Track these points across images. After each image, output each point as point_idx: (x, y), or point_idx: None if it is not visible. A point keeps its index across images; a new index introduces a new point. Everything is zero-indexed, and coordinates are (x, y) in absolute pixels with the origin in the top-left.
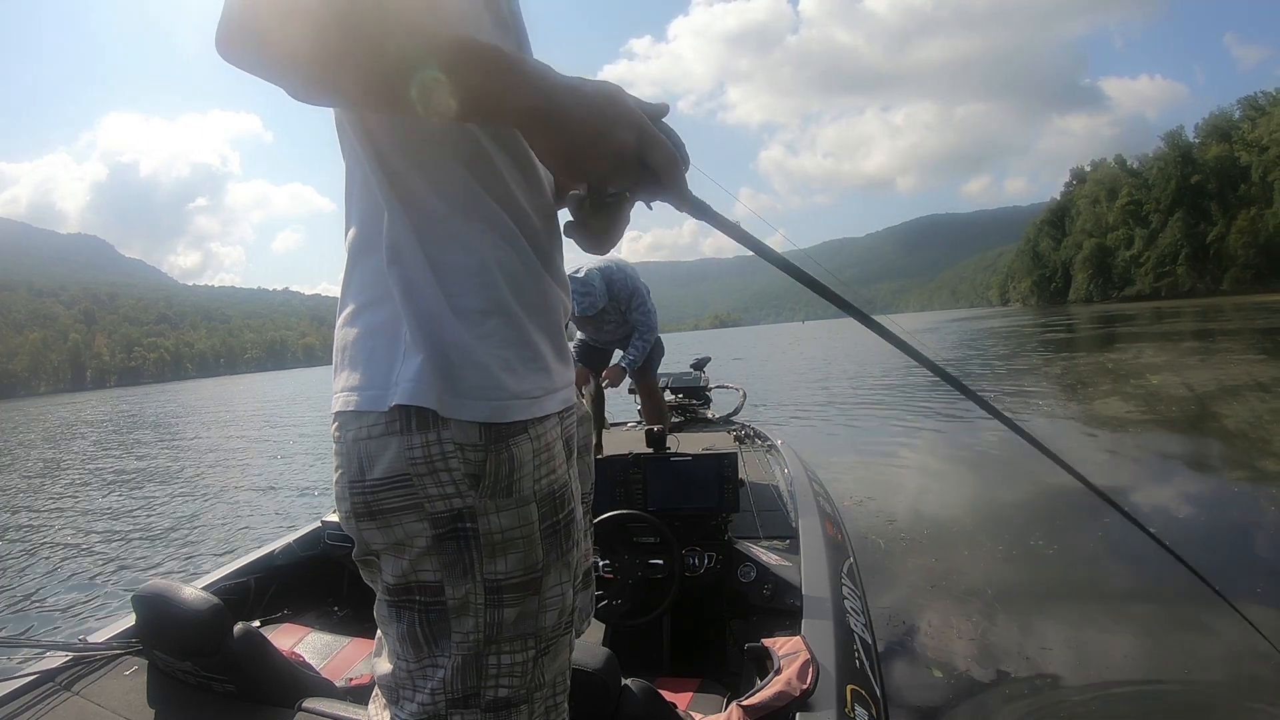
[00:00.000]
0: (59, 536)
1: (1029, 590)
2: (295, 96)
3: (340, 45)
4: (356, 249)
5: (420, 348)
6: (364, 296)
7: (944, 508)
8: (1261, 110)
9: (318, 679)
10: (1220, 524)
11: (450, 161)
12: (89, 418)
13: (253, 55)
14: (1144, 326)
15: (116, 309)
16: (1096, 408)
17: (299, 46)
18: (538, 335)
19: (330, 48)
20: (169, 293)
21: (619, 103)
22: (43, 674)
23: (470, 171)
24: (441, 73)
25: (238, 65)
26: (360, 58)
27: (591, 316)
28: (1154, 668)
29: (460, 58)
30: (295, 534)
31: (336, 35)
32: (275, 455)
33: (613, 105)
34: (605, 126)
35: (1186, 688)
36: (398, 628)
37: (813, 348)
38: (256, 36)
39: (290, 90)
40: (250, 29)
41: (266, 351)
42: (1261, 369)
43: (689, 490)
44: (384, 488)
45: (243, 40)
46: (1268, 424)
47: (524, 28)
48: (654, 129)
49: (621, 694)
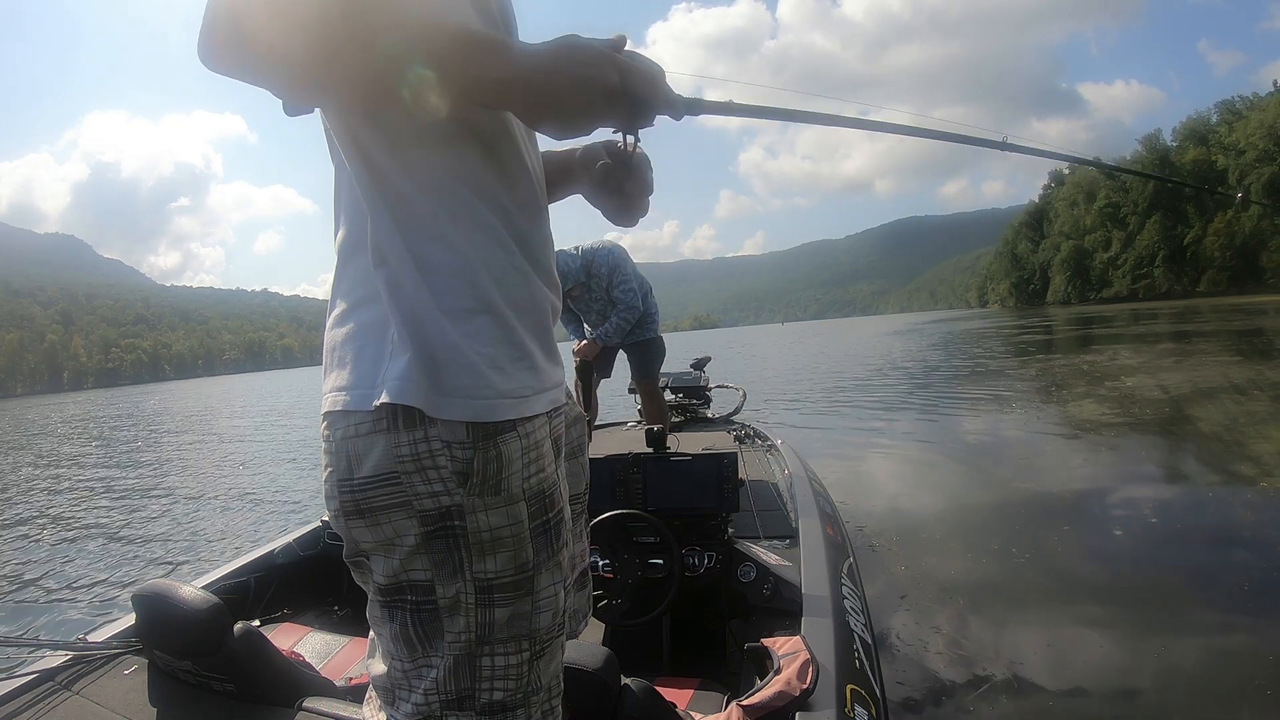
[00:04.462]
0: (59, 535)
1: (1031, 590)
2: (284, 98)
3: (330, 46)
4: (346, 250)
5: (407, 347)
6: (353, 297)
7: (945, 507)
8: (1238, 114)
9: (317, 678)
10: (1192, 526)
11: (435, 162)
12: (83, 417)
13: (241, 60)
14: (1121, 328)
15: (94, 310)
16: (1070, 410)
17: (288, 49)
18: (526, 334)
19: (320, 48)
20: (147, 293)
21: (587, 48)
22: (42, 673)
23: (456, 172)
24: (429, 66)
25: (224, 72)
26: (350, 57)
27: (566, 290)
28: (1155, 667)
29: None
30: (295, 533)
31: (326, 36)
32: (275, 455)
33: (582, 53)
34: (584, 75)
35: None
36: (390, 628)
37: (804, 348)
38: (245, 42)
39: (279, 93)
40: (238, 35)
41: (245, 353)
42: (1237, 371)
43: (689, 490)
44: (372, 486)
45: (232, 46)
46: (1242, 426)
47: (515, 26)
48: (627, 60)
49: (621, 694)
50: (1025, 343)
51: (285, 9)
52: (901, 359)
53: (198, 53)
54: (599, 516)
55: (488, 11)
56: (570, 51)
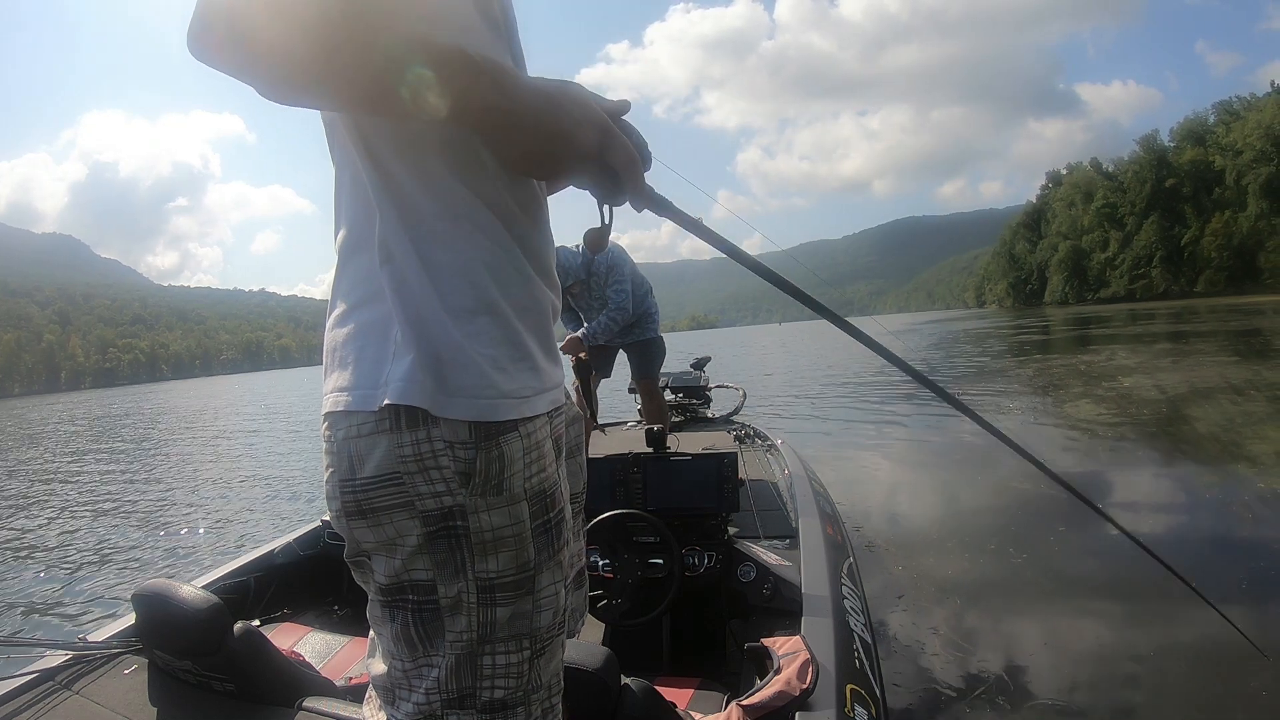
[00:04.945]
0: (59, 535)
1: (1031, 590)
2: (273, 96)
3: (330, 43)
4: (347, 249)
5: (411, 346)
6: (354, 296)
7: (944, 507)
8: (1236, 115)
9: (317, 678)
10: (1188, 525)
11: (438, 161)
12: (81, 417)
13: (236, 55)
14: (1118, 328)
15: (91, 310)
16: (1067, 410)
17: (287, 45)
18: (527, 335)
19: (319, 46)
20: (144, 293)
21: (580, 102)
22: (42, 673)
23: (458, 171)
24: (429, 69)
25: (217, 65)
26: (347, 58)
27: (565, 287)
28: (1156, 668)
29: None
30: (295, 533)
31: (325, 33)
32: (275, 454)
33: (574, 104)
34: (567, 126)
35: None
36: (391, 628)
37: (799, 348)
38: (238, 34)
39: (267, 89)
40: (235, 28)
41: (243, 353)
42: (1234, 371)
43: (689, 490)
44: (374, 486)
45: (229, 41)
46: (1238, 427)
47: (515, 27)
48: (615, 128)
49: (621, 693)
50: (1023, 343)
51: (285, 5)
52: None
53: (189, 45)
54: (599, 516)
55: (489, 11)
56: (561, 99)
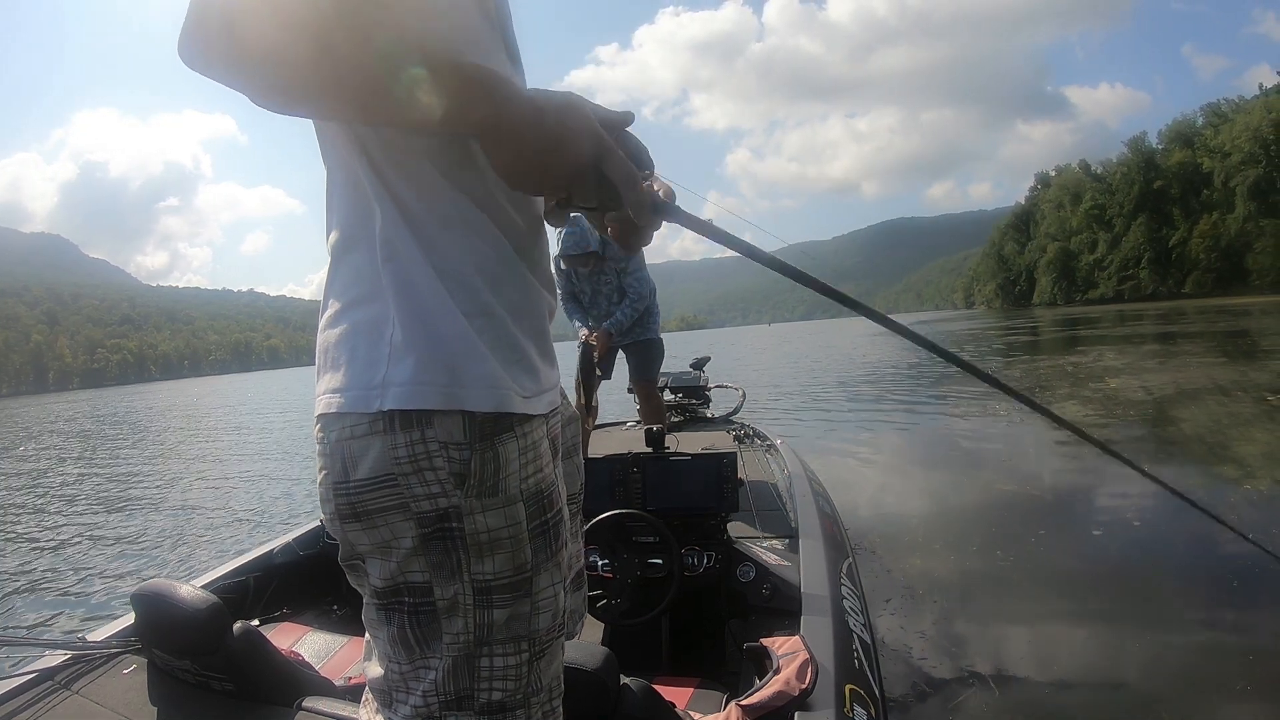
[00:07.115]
0: (58, 535)
1: (1032, 589)
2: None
3: (324, 44)
4: (340, 249)
5: (412, 347)
6: (348, 295)
7: (944, 507)
8: (1224, 117)
9: (316, 678)
10: (1175, 525)
11: (430, 164)
12: (77, 416)
13: (229, 61)
14: (1106, 329)
15: (80, 310)
16: (1054, 411)
17: (283, 50)
18: (523, 337)
19: (313, 48)
20: (132, 293)
21: (577, 114)
22: (42, 672)
23: (452, 174)
24: (423, 71)
25: (210, 73)
26: (343, 57)
27: (578, 255)
28: (1157, 667)
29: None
30: (294, 532)
31: (320, 35)
32: (274, 454)
33: (571, 117)
34: (562, 139)
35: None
36: (388, 630)
37: (793, 349)
38: (237, 42)
39: (262, 96)
40: (229, 34)
41: (231, 353)
42: (1221, 372)
43: (688, 490)
44: (369, 488)
45: (223, 47)
46: (1225, 428)
47: (510, 24)
48: (611, 143)
49: (620, 693)
50: (1011, 344)
51: (280, 8)
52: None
53: (180, 53)
54: (598, 516)
55: (486, 10)
56: (554, 111)
